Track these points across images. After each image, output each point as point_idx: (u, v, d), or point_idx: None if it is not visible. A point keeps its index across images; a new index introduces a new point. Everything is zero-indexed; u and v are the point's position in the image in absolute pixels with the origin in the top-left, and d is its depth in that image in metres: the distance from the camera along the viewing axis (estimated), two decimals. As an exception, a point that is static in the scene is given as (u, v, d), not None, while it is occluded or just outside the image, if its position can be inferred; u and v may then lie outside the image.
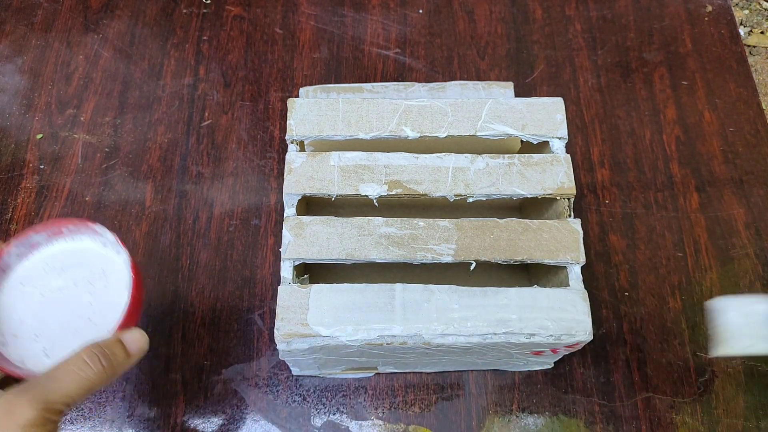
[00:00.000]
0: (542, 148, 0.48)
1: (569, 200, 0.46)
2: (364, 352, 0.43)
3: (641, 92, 0.66)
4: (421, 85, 0.54)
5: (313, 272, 0.51)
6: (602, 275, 0.57)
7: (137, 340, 0.37)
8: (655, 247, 0.58)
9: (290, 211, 0.45)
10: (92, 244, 0.41)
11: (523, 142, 0.49)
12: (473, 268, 0.44)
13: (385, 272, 0.51)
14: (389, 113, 0.47)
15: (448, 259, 0.43)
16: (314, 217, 0.44)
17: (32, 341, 0.38)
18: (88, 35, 0.68)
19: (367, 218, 0.44)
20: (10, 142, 0.62)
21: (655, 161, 0.62)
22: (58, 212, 0.59)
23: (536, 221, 0.44)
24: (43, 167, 0.61)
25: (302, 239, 0.43)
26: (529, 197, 0.45)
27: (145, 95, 0.65)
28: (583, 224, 0.57)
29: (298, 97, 0.51)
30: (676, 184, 0.61)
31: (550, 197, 0.45)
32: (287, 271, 0.43)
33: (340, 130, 0.46)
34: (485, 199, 0.45)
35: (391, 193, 0.44)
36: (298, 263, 0.43)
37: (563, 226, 0.44)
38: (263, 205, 0.59)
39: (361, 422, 0.51)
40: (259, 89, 0.65)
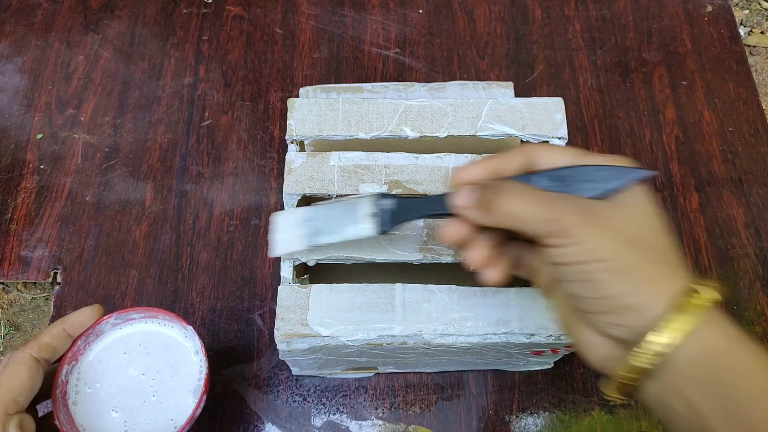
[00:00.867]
0: (542, 148, 0.48)
1: None
2: (364, 352, 0.43)
3: (640, 92, 0.66)
4: (421, 85, 0.54)
5: (313, 272, 0.51)
6: (602, 275, 0.57)
7: None
8: (654, 247, 0.58)
9: (290, 211, 0.45)
10: (177, 334, 0.44)
11: (523, 142, 0.49)
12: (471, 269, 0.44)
13: (384, 272, 0.51)
14: (389, 113, 0.47)
15: (447, 259, 0.43)
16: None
17: (107, 406, 0.41)
18: (88, 35, 0.68)
19: None
20: (10, 142, 0.62)
21: (654, 161, 0.62)
22: (58, 212, 0.59)
23: None
24: (43, 167, 0.61)
25: None
26: None
27: (145, 95, 0.65)
28: (582, 224, 0.56)
29: (298, 97, 0.51)
30: (675, 184, 0.61)
31: None
32: (287, 271, 0.43)
33: (340, 130, 0.46)
34: None
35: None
36: (298, 263, 0.43)
37: None
38: (263, 205, 0.59)
39: (361, 422, 0.51)
40: (259, 89, 0.65)
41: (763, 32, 0.76)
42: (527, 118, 0.47)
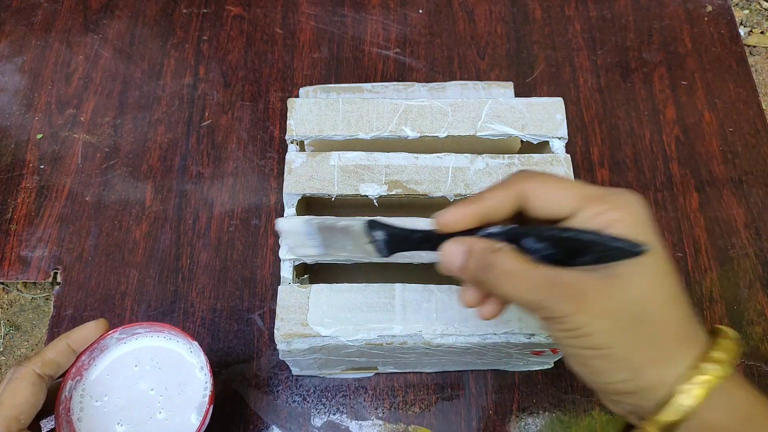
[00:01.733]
0: (542, 148, 0.48)
1: None
2: (364, 352, 0.43)
3: (641, 92, 0.66)
4: (421, 85, 0.54)
5: (313, 272, 0.51)
6: (602, 275, 0.56)
7: None
8: (654, 247, 0.58)
9: (290, 211, 0.45)
10: (182, 349, 0.43)
11: (523, 142, 0.49)
12: None
13: (384, 272, 0.51)
14: (389, 113, 0.47)
15: None
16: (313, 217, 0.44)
17: (113, 419, 0.40)
18: (88, 35, 0.68)
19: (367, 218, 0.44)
20: (10, 142, 0.62)
21: (654, 161, 0.62)
22: (58, 212, 0.59)
23: None
24: (43, 167, 0.61)
25: None
26: None
27: (145, 95, 0.65)
28: (582, 224, 0.56)
29: (298, 97, 0.51)
30: (675, 184, 0.61)
31: None
32: (287, 271, 0.43)
33: (340, 130, 0.46)
34: None
35: (391, 193, 0.44)
36: (298, 263, 0.43)
37: None
38: (263, 205, 0.59)
39: (361, 422, 0.51)
40: (259, 89, 0.65)
41: (763, 32, 0.76)
42: (527, 118, 0.47)
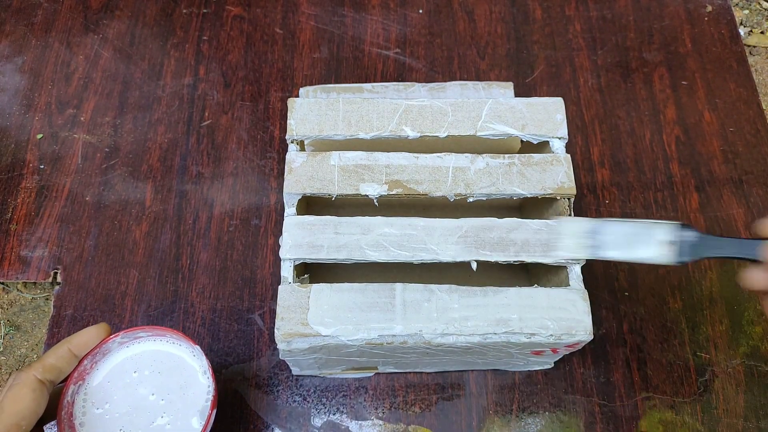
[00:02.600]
0: (542, 148, 0.48)
1: (569, 200, 0.46)
2: (364, 351, 0.43)
3: (641, 92, 0.66)
4: (420, 85, 0.54)
5: (313, 272, 0.51)
6: (602, 275, 0.57)
7: None
8: (655, 247, 0.58)
9: (290, 210, 0.45)
10: (185, 353, 0.43)
11: (523, 142, 0.49)
12: (473, 268, 0.44)
13: (385, 272, 0.51)
14: (389, 113, 0.47)
15: (447, 258, 0.43)
16: (314, 217, 0.44)
17: (115, 426, 0.40)
18: (88, 35, 0.68)
19: (367, 218, 0.44)
20: (10, 142, 0.62)
21: (654, 161, 0.62)
22: (58, 212, 0.59)
23: (536, 221, 0.44)
24: (43, 167, 0.61)
25: (302, 239, 0.43)
26: (529, 197, 0.45)
27: (145, 95, 0.65)
28: (583, 224, 0.56)
29: (298, 97, 0.51)
30: (675, 184, 0.61)
31: (550, 197, 0.45)
32: (287, 270, 0.43)
33: (340, 129, 0.46)
34: (485, 199, 0.45)
35: (391, 192, 0.44)
36: (298, 263, 0.43)
37: None
38: (263, 205, 0.59)
39: (361, 422, 0.51)
40: (259, 89, 0.65)
41: (763, 32, 0.76)
42: (527, 117, 0.47)
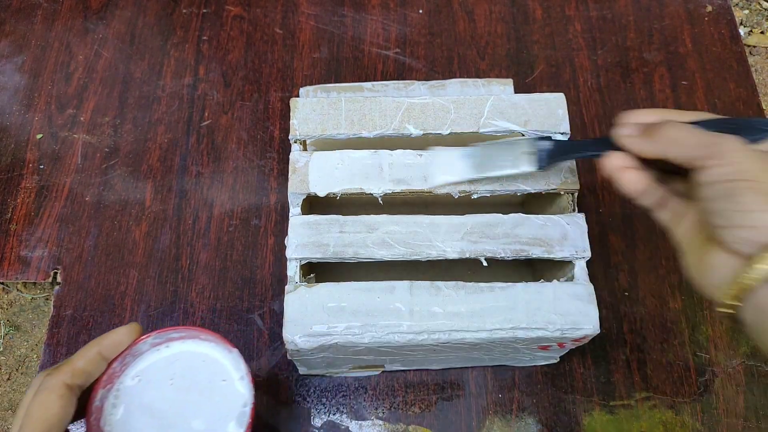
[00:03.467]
0: (543, 146, 0.48)
1: (573, 195, 0.46)
2: (372, 350, 0.43)
3: (641, 92, 0.66)
4: (421, 83, 0.54)
5: (319, 271, 0.51)
6: (602, 275, 0.57)
7: None
8: (654, 247, 0.58)
9: (296, 210, 0.45)
10: (220, 355, 0.40)
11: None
12: (484, 264, 0.44)
13: (390, 270, 0.50)
14: (392, 111, 0.47)
15: (453, 255, 0.43)
16: (319, 216, 0.44)
17: (147, 430, 0.38)
18: (88, 35, 0.68)
19: (372, 216, 0.44)
20: (10, 142, 0.62)
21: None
22: (57, 212, 0.59)
23: (541, 216, 0.44)
24: (43, 167, 0.61)
25: (308, 238, 0.43)
26: (533, 193, 0.45)
27: (145, 95, 0.65)
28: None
29: (298, 96, 0.51)
30: (676, 184, 0.61)
31: (554, 192, 0.45)
32: (293, 270, 0.43)
33: (343, 129, 0.46)
34: (489, 195, 0.45)
35: (396, 190, 0.44)
36: (304, 262, 0.43)
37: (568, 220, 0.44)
38: (263, 205, 0.59)
39: (361, 422, 0.51)
40: (259, 89, 0.65)
41: (763, 32, 0.76)
42: (529, 113, 0.47)
